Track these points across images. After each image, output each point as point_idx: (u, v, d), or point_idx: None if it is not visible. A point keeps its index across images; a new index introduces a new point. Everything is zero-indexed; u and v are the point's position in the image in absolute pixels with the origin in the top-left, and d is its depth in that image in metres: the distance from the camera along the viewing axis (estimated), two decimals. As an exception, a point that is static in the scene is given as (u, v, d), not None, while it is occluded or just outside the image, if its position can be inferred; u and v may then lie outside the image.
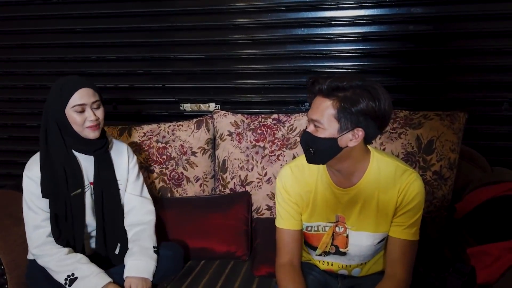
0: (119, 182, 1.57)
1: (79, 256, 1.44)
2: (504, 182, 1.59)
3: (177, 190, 1.93)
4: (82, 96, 1.41)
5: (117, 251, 1.55)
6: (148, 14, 2.17)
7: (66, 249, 1.43)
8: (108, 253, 1.54)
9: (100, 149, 1.49)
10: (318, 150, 1.17)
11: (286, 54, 2.10)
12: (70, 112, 1.40)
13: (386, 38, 2.00)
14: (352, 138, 1.14)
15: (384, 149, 1.73)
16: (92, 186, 1.51)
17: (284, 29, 2.08)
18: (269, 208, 1.87)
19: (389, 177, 1.22)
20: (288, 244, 1.32)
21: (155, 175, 1.93)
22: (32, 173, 1.42)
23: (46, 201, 1.42)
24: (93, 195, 1.51)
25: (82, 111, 1.41)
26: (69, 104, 1.39)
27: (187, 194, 1.93)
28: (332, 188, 1.26)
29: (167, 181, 1.93)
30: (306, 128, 1.20)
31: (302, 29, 2.06)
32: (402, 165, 1.24)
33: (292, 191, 1.30)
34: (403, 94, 2.03)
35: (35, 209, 1.42)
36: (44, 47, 2.32)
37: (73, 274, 1.38)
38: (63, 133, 1.43)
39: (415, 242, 1.24)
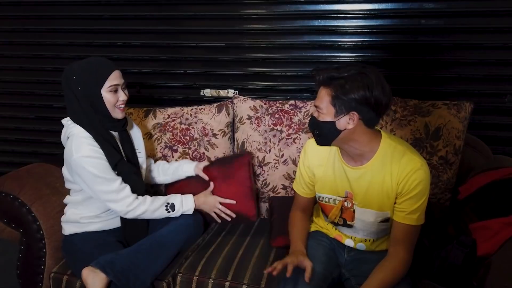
0: (137, 151, 1.73)
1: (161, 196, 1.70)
2: (505, 168, 1.72)
3: (198, 169, 2.06)
4: (116, 77, 1.53)
5: None
6: (172, 3, 2.29)
7: (148, 196, 1.64)
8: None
9: (124, 125, 1.64)
10: (321, 133, 1.35)
11: (303, 44, 2.22)
12: (105, 92, 1.51)
13: (398, 31, 2.11)
14: (349, 121, 1.28)
15: (394, 135, 1.86)
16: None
17: (302, 20, 2.19)
18: (285, 188, 2.00)
19: (395, 163, 1.33)
20: (303, 203, 1.59)
21: (178, 154, 2.06)
22: (85, 151, 1.48)
23: (111, 170, 1.54)
24: None
25: (115, 91, 1.53)
26: (105, 84, 1.51)
27: (208, 173, 2.06)
28: (343, 165, 1.42)
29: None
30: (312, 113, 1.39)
31: (319, 20, 2.17)
32: (410, 153, 1.34)
33: (310, 162, 1.50)
34: (412, 85, 2.14)
35: (109, 177, 1.52)
36: (72, 32, 2.44)
37: (168, 203, 1.66)
38: (96, 113, 1.53)
39: (418, 226, 1.35)
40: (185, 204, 1.70)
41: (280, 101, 2.04)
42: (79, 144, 1.49)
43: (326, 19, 2.17)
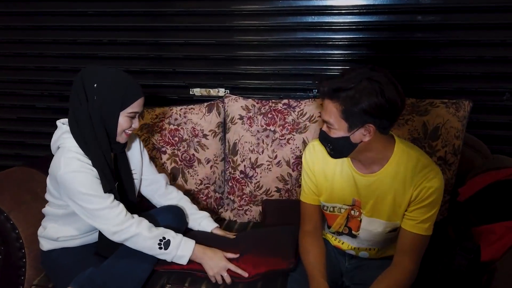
0: (133, 171, 1.61)
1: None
2: (505, 168, 1.67)
3: (188, 171, 1.98)
4: (140, 104, 1.43)
5: None
6: (160, -1, 2.21)
7: (146, 220, 1.42)
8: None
9: (124, 147, 1.52)
10: (335, 148, 1.24)
11: (296, 41, 2.15)
12: (123, 116, 1.39)
13: (394, 27, 2.05)
14: (365, 133, 1.17)
15: (391, 135, 1.79)
16: None
17: (295, 16, 2.11)
18: (279, 190, 1.92)
19: (409, 171, 1.23)
20: (312, 216, 1.41)
21: (167, 156, 1.97)
22: (75, 167, 1.34)
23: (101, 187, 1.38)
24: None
25: (133, 118, 1.43)
26: (128, 109, 1.38)
27: (198, 175, 1.98)
28: (353, 172, 1.31)
29: (179, 162, 1.98)
30: (321, 127, 1.26)
31: (313, 17, 2.10)
32: (424, 160, 1.25)
33: (313, 167, 1.37)
34: (409, 83, 2.08)
35: (100, 194, 1.36)
36: (56, 29, 2.34)
37: (164, 238, 1.40)
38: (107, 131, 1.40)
39: (427, 237, 1.26)
40: (182, 248, 1.42)
41: (273, 100, 1.97)
42: (69, 160, 1.35)
43: (319, 15, 2.09)
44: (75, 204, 1.37)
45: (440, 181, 1.23)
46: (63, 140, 1.40)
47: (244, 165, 1.94)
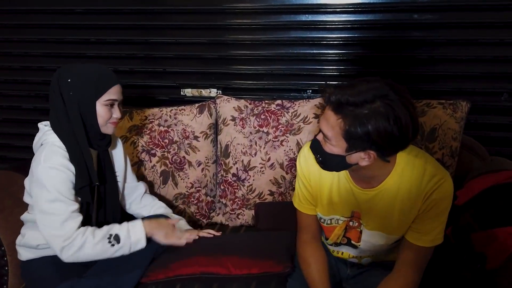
0: (116, 173, 1.56)
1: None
2: (505, 171, 1.62)
3: (178, 174, 1.91)
4: (117, 91, 1.38)
5: None
6: (150, -3, 2.14)
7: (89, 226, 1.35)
8: None
9: (108, 144, 1.48)
10: (325, 162, 1.12)
11: (290, 40, 2.09)
12: (100, 106, 1.35)
13: (390, 26, 2.00)
14: (364, 157, 1.04)
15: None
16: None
17: (288, 15, 2.06)
18: (272, 194, 1.87)
19: (415, 181, 1.12)
20: (309, 225, 1.33)
21: (156, 158, 1.91)
22: (54, 163, 1.29)
23: (72, 192, 1.33)
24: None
25: (111, 106, 1.38)
26: (103, 96, 1.34)
27: (189, 178, 1.92)
28: (351, 185, 1.20)
29: (169, 165, 1.91)
30: (316, 134, 1.14)
31: (306, 15, 2.05)
32: (431, 168, 1.12)
33: (308, 175, 1.27)
34: (405, 83, 2.01)
35: (65, 200, 1.30)
36: (42, 27, 2.27)
37: (111, 235, 1.34)
38: (85, 125, 1.36)
39: (432, 248, 1.17)
40: (133, 233, 1.36)
41: (266, 101, 1.91)
42: (51, 154, 1.31)
43: (313, 13, 2.04)
44: (36, 203, 1.31)
45: (450, 186, 1.12)
46: (46, 136, 1.37)
47: (237, 168, 1.89)
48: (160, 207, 1.67)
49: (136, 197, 1.67)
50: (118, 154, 1.60)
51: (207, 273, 1.39)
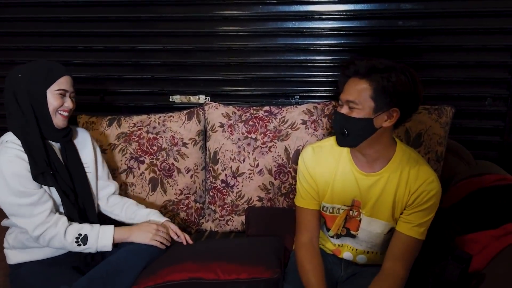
0: (85, 165, 1.58)
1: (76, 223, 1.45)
2: (489, 174, 1.65)
3: (167, 181, 1.91)
4: (67, 81, 1.45)
5: None
6: (137, 4, 2.14)
7: (64, 217, 1.42)
8: None
9: (66, 136, 1.51)
10: (353, 131, 1.20)
11: (277, 47, 2.11)
12: (50, 94, 1.41)
13: (375, 33, 2.04)
14: (387, 119, 1.18)
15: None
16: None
17: (275, 22, 2.08)
18: (261, 200, 1.88)
19: (410, 170, 1.24)
20: (309, 223, 1.37)
21: (145, 165, 1.91)
22: (8, 155, 1.35)
23: (33, 182, 1.37)
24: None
25: (62, 96, 1.43)
26: (53, 86, 1.41)
27: (177, 185, 1.92)
28: (354, 171, 1.29)
29: (158, 172, 1.91)
30: (336, 110, 1.24)
31: (293, 22, 2.07)
32: (423, 163, 1.26)
33: (313, 171, 1.34)
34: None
35: (27, 190, 1.35)
36: (28, 35, 2.26)
37: (80, 234, 1.41)
38: (35, 117, 1.41)
39: (421, 242, 1.26)
40: (101, 238, 1.43)
41: (254, 107, 1.93)
42: (5, 148, 1.37)
43: (300, 20, 2.07)
44: (1, 198, 1.36)
45: (439, 186, 1.24)
46: (4, 136, 1.43)
47: (225, 174, 1.89)
48: (131, 205, 1.67)
49: (102, 196, 1.65)
50: (85, 144, 1.61)
51: (195, 278, 1.39)
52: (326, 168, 1.33)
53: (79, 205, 1.50)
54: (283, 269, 1.43)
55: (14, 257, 1.46)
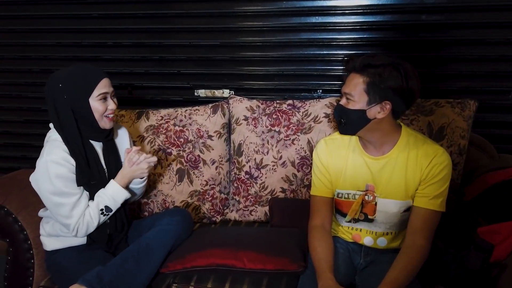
0: (122, 162, 1.63)
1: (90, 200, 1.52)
2: (512, 167, 1.66)
3: (194, 172, 1.98)
4: (105, 85, 1.47)
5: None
6: (163, 1, 2.20)
7: (85, 204, 1.49)
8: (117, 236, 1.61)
9: (108, 136, 1.56)
10: (349, 121, 1.32)
11: (300, 42, 2.15)
12: (93, 101, 1.44)
13: (398, 27, 2.05)
14: (380, 111, 1.28)
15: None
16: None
17: (299, 17, 2.12)
18: (284, 191, 1.92)
19: (419, 149, 1.33)
20: (321, 208, 1.46)
21: (172, 157, 1.98)
22: (56, 157, 1.40)
23: (74, 182, 1.44)
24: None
25: (105, 99, 1.47)
26: (94, 93, 1.44)
27: (203, 176, 1.98)
28: (364, 156, 1.39)
29: (184, 163, 1.98)
30: (338, 102, 1.35)
31: (316, 17, 2.10)
32: (430, 142, 1.37)
33: (326, 162, 1.45)
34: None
35: (70, 191, 1.43)
36: (60, 32, 2.35)
37: (102, 209, 1.49)
38: (79, 122, 1.45)
39: (439, 213, 1.33)
40: (116, 197, 1.51)
41: (278, 101, 1.97)
42: (52, 148, 1.42)
43: (323, 15, 2.09)
44: (42, 197, 1.43)
45: (448, 158, 1.33)
46: (50, 134, 1.49)
47: (249, 166, 1.95)
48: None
49: None
50: (123, 140, 1.68)
51: (222, 265, 1.46)
52: (339, 157, 1.43)
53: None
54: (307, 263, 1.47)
55: (50, 244, 1.55)
